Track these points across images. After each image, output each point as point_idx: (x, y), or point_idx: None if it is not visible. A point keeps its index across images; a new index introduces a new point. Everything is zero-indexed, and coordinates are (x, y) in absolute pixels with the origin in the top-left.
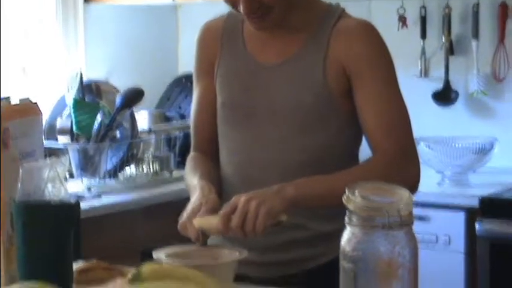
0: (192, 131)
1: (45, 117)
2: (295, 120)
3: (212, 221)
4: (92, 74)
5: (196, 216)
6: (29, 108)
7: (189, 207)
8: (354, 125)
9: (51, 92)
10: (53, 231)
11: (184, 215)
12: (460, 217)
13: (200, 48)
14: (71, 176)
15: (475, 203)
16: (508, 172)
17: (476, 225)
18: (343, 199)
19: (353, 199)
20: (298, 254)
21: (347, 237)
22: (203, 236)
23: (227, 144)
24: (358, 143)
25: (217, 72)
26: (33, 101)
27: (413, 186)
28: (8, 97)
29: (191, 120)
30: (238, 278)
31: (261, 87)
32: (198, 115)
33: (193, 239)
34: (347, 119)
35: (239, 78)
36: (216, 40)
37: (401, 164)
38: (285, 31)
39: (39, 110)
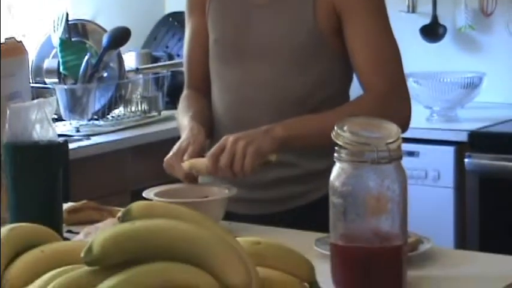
0: (185, 69)
1: (32, 58)
2: (286, 59)
3: (201, 163)
4: (78, 14)
5: (183, 156)
6: (14, 48)
7: (176, 146)
8: (345, 63)
9: (37, 32)
10: (41, 172)
11: (171, 153)
12: (449, 152)
13: None
14: (59, 117)
15: (463, 137)
16: (496, 107)
17: (465, 160)
18: (331, 135)
19: (342, 134)
20: (288, 191)
21: (336, 172)
22: (191, 174)
23: (218, 82)
24: (349, 80)
25: (209, 9)
26: (19, 40)
27: (404, 125)
28: None
29: (184, 57)
30: (227, 215)
31: (252, 25)
32: (191, 52)
33: (181, 178)
34: (338, 57)
35: (230, 16)
36: None
37: (393, 102)
38: None
39: (25, 49)
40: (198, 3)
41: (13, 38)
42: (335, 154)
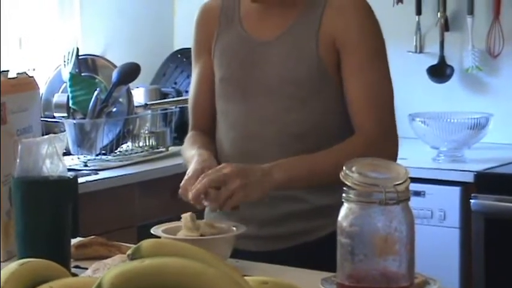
0: (190, 110)
1: (42, 92)
2: (290, 94)
3: None
4: (88, 49)
5: (196, 180)
6: (26, 83)
7: (190, 170)
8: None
9: (47, 66)
10: (51, 207)
11: (186, 178)
12: (455, 192)
13: (199, 29)
14: (67, 151)
15: (470, 178)
16: (503, 148)
17: (471, 201)
18: (340, 176)
19: (350, 175)
20: (297, 227)
21: (344, 212)
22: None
23: (225, 119)
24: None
25: (215, 50)
26: (30, 74)
27: None
28: (7, 71)
29: (190, 99)
30: (237, 252)
31: (257, 62)
32: (197, 94)
33: (192, 201)
34: (340, 92)
35: (236, 54)
36: (214, 20)
37: (381, 144)
38: (279, 6)
39: (37, 84)
40: (205, 45)
41: (25, 73)
42: (343, 194)
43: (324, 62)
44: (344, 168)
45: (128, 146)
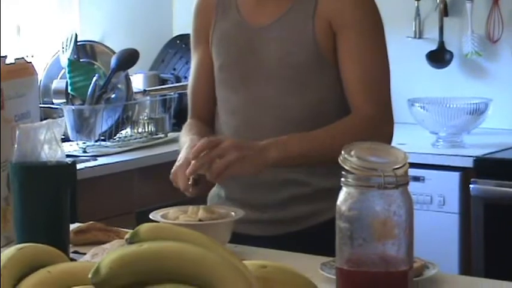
0: (189, 98)
1: (40, 78)
2: (288, 78)
3: None
4: (87, 35)
5: (187, 166)
6: (24, 68)
7: (181, 157)
8: None
9: (46, 52)
10: (49, 192)
11: (176, 164)
12: (454, 178)
13: (197, 17)
14: (66, 138)
15: (469, 163)
16: (502, 133)
17: (471, 186)
18: (339, 160)
19: (349, 159)
20: (300, 211)
21: (343, 197)
22: (193, 186)
23: (225, 106)
24: None
25: (213, 38)
26: (28, 60)
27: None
28: (5, 56)
29: (189, 87)
30: (239, 237)
31: (255, 48)
32: (196, 83)
33: (182, 189)
34: (338, 75)
35: (234, 41)
36: (211, 8)
37: (378, 126)
38: None
39: (35, 70)
40: (203, 34)
41: (23, 58)
42: (342, 179)
43: (321, 45)
44: (343, 152)
45: (126, 132)
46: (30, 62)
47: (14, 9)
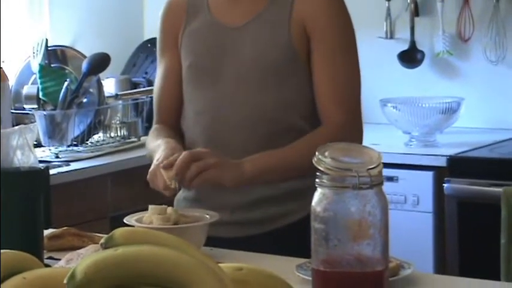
0: (155, 104)
1: (11, 84)
2: (260, 77)
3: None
4: (57, 40)
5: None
6: None
7: (160, 157)
8: None
9: (16, 58)
10: (22, 199)
11: (155, 163)
12: (428, 177)
13: (165, 22)
14: (38, 143)
15: (442, 162)
16: (474, 132)
17: (444, 185)
18: (313, 161)
19: (323, 160)
20: (269, 212)
21: (318, 198)
22: (176, 185)
23: (194, 105)
24: None
25: (182, 38)
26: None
27: None
28: None
29: (155, 93)
30: (209, 240)
31: (226, 48)
32: (163, 88)
33: (161, 189)
34: (310, 77)
35: (205, 40)
36: (181, 11)
37: (348, 134)
38: None
39: (6, 75)
40: (171, 38)
41: None
42: (316, 180)
43: (295, 48)
44: (317, 153)
45: (99, 137)
46: (1, 68)
47: None
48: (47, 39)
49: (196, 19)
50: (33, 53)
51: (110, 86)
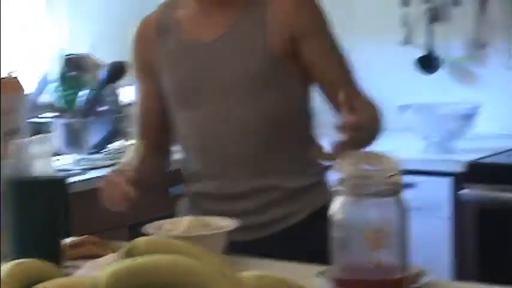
0: (137, 123)
1: (30, 93)
2: (244, 88)
3: None
4: (76, 49)
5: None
6: (12, 84)
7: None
8: (302, 83)
9: (34, 67)
10: (42, 207)
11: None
12: (445, 183)
13: (137, 47)
14: (57, 152)
15: (460, 168)
16: (492, 137)
17: (462, 191)
18: (333, 168)
19: (344, 167)
20: (276, 213)
21: (336, 206)
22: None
23: (185, 125)
24: (310, 100)
25: (160, 61)
26: (14, 75)
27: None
28: None
29: (136, 114)
30: None
31: (205, 63)
32: (144, 111)
33: (117, 198)
34: (297, 78)
35: (182, 61)
36: (150, 36)
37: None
38: (218, 7)
39: (21, 85)
40: (145, 62)
41: (11, 74)
42: (336, 187)
43: (274, 52)
44: (338, 160)
45: (118, 145)
46: (16, 77)
47: (2, 25)
48: (65, 48)
49: (169, 38)
50: (52, 61)
51: (128, 93)
